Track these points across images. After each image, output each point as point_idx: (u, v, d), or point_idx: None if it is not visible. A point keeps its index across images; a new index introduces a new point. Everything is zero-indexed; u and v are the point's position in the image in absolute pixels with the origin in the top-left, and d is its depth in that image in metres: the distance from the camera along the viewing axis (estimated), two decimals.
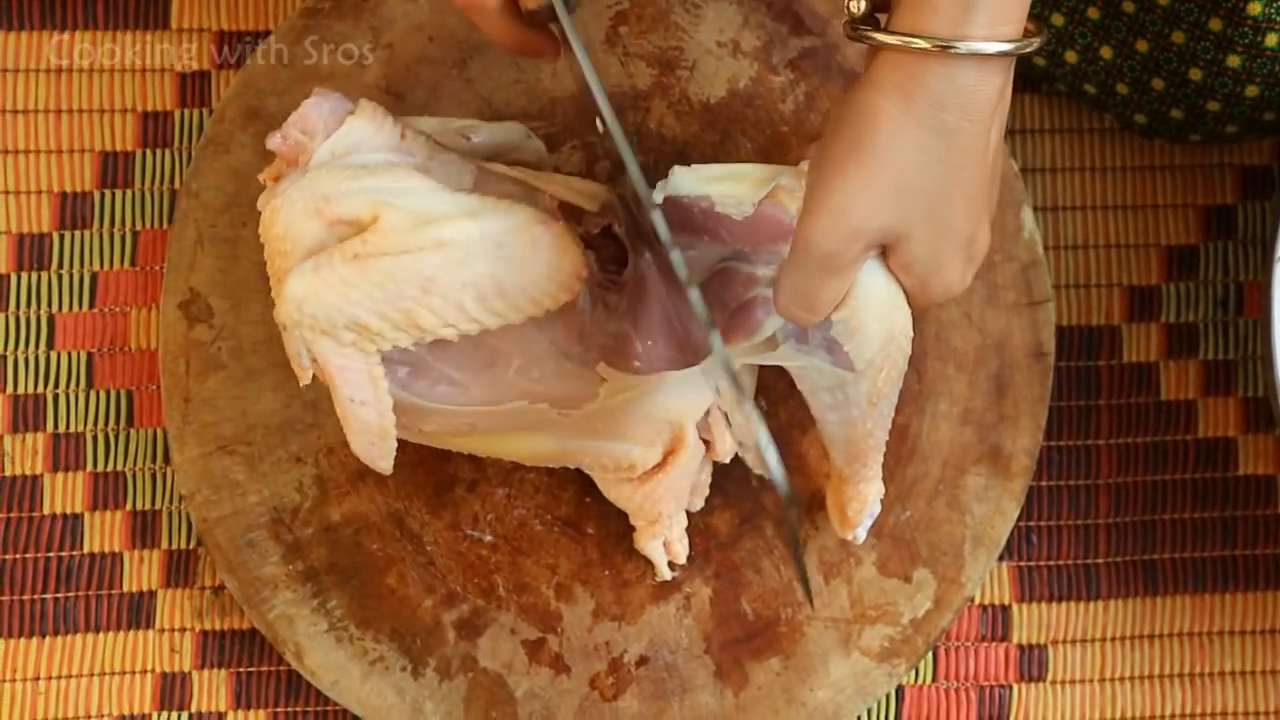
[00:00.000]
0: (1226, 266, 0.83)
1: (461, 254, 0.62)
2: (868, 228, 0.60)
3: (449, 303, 0.62)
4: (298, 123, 0.65)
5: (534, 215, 0.64)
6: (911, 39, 0.57)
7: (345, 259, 0.61)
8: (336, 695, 0.75)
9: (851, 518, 0.73)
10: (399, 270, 0.61)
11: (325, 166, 0.64)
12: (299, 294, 0.61)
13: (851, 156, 0.59)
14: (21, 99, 0.80)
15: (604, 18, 0.78)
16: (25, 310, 0.79)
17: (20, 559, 0.78)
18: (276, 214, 0.63)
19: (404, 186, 0.63)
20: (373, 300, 0.61)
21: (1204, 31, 0.73)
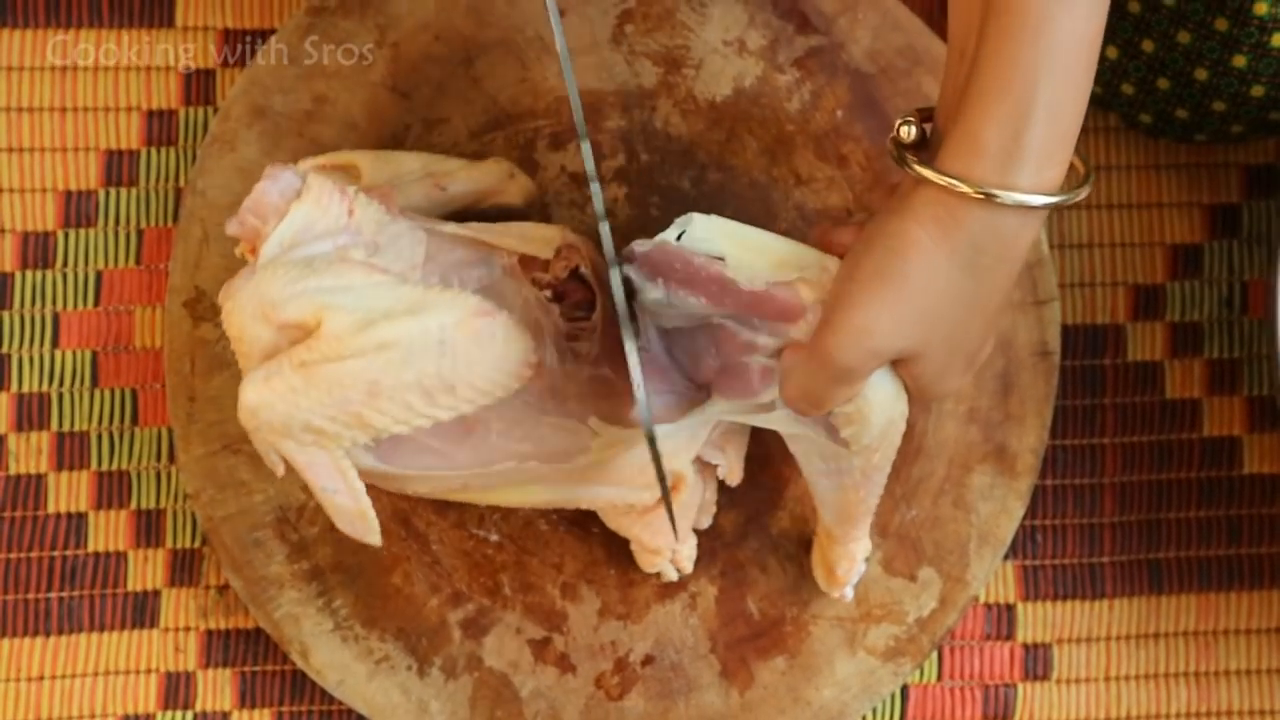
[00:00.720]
0: (1231, 265, 0.83)
1: (404, 354, 0.62)
2: (888, 349, 0.61)
3: (395, 403, 0.63)
4: (252, 209, 0.65)
5: (476, 307, 0.64)
6: (956, 182, 0.58)
7: (293, 367, 0.62)
8: (342, 694, 0.75)
9: (840, 577, 0.73)
10: (344, 376, 0.62)
11: (271, 266, 0.63)
12: (252, 403, 0.62)
13: (880, 280, 0.60)
14: (26, 97, 0.80)
15: (610, 16, 0.78)
16: (30, 309, 0.79)
17: (25, 558, 0.78)
18: (230, 317, 0.64)
19: (347, 284, 0.63)
20: (322, 406, 0.62)
21: (1210, 31, 0.73)
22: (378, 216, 0.66)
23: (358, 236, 0.65)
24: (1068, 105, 0.58)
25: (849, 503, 0.69)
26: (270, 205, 0.64)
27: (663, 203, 0.77)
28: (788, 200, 0.78)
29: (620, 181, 0.78)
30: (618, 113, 0.78)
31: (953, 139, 0.59)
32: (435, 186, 0.72)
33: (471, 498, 0.72)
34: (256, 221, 0.65)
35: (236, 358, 0.65)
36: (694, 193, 0.77)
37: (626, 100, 0.78)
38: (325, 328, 0.62)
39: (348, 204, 0.65)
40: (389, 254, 0.66)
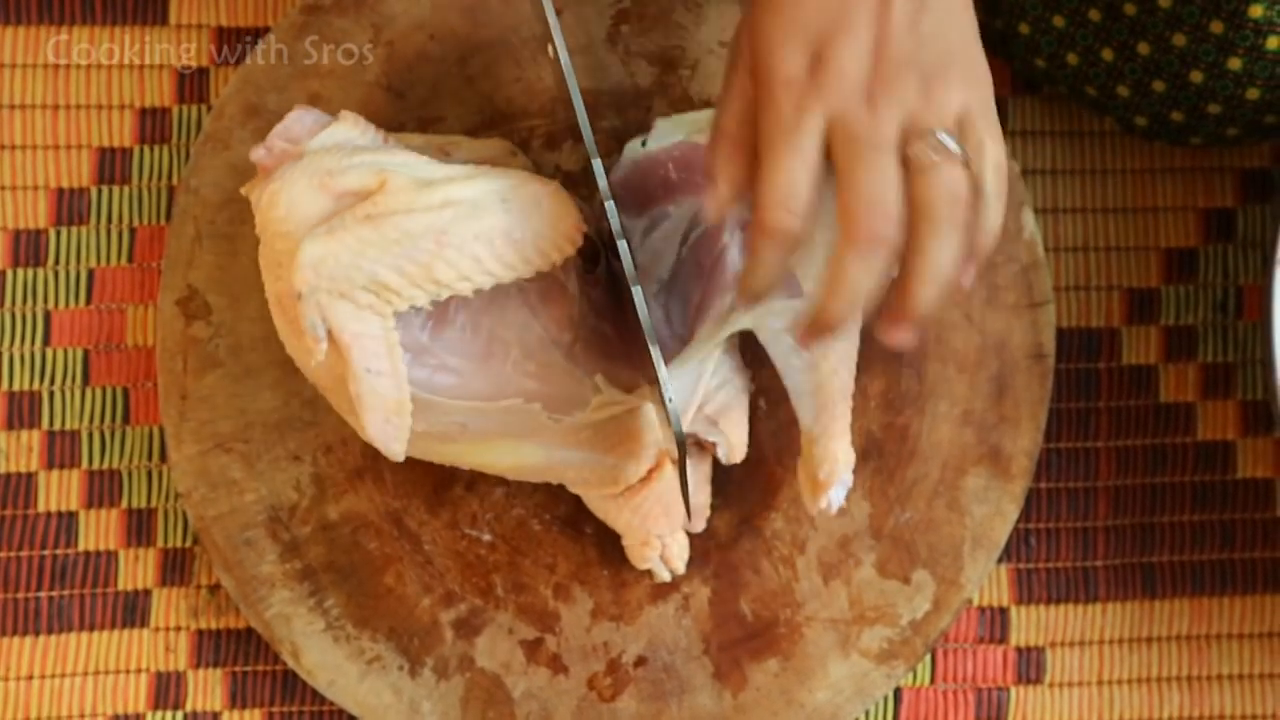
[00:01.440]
0: (1226, 269, 0.83)
1: (469, 209, 0.63)
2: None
3: (464, 254, 0.63)
4: (282, 134, 0.66)
5: (529, 175, 0.66)
6: None
7: (358, 220, 0.62)
8: (333, 695, 0.75)
9: (824, 480, 0.68)
10: (412, 225, 0.62)
11: (320, 150, 0.64)
12: (315, 256, 0.61)
13: None
14: (19, 94, 0.80)
15: (605, 16, 0.78)
16: (21, 306, 0.79)
17: (15, 557, 0.78)
18: (277, 196, 0.63)
19: (402, 160, 0.64)
20: (390, 256, 0.62)
21: (1205, 34, 0.73)
22: (419, 145, 0.67)
23: (395, 163, 0.65)
24: None
25: (821, 378, 0.67)
26: (304, 129, 0.65)
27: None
28: None
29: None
30: (612, 112, 0.78)
31: None
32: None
33: (462, 454, 0.70)
34: (287, 144, 0.65)
35: (266, 246, 0.64)
36: None
37: (621, 100, 0.78)
38: (390, 185, 0.62)
39: (382, 135, 0.67)
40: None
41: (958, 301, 0.77)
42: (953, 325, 0.78)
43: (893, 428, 0.77)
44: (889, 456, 0.77)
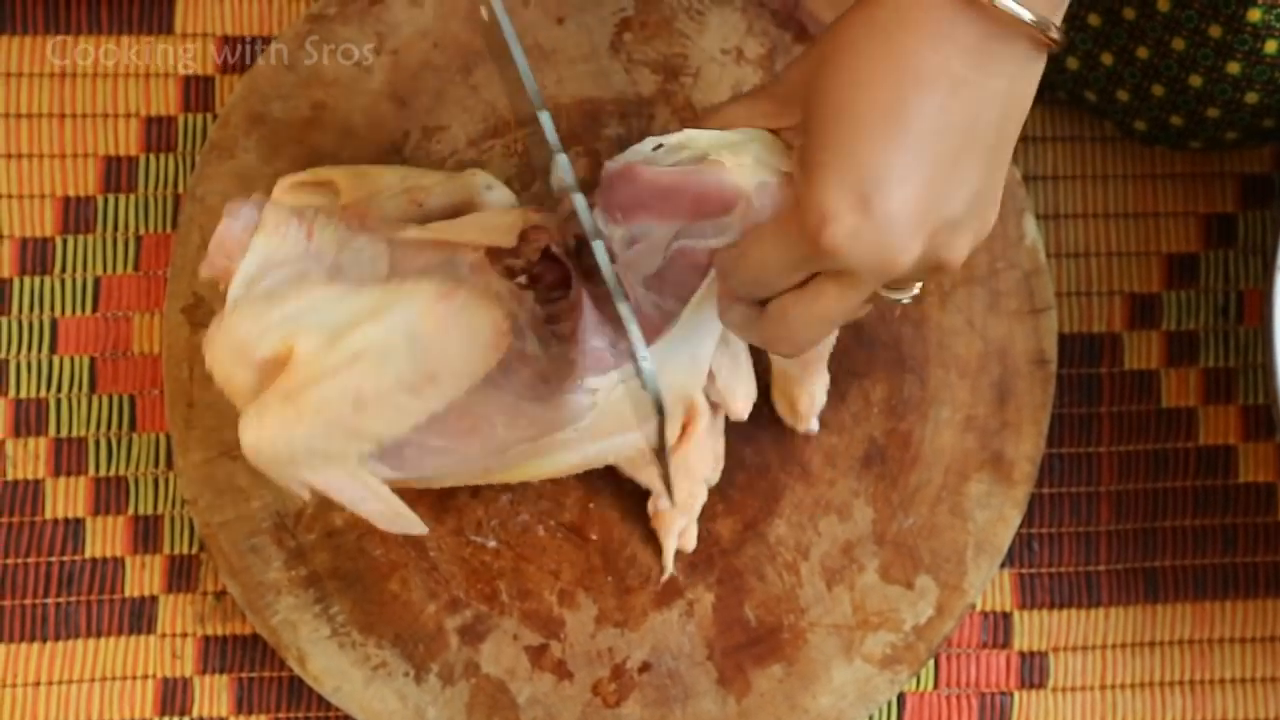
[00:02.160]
0: (1227, 274, 0.83)
1: (377, 358, 0.62)
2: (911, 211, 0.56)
3: (386, 406, 0.63)
4: (217, 249, 0.66)
5: (434, 293, 0.63)
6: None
7: (280, 400, 0.62)
8: (339, 701, 0.75)
9: (803, 412, 0.75)
10: (328, 395, 0.62)
11: (237, 307, 0.64)
12: (252, 443, 0.63)
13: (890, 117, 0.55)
14: (25, 103, 0.80)
15: (608, 25, 0.78)
16: (27, 315, 0.79)
17: (21, 564, 0.78)
18: (213, 367, 0.64)
19: (309, 304, 0.63)
20: (316, 429, 0.62)
21: (1204, 38, 0.73)
22: (338, 235, 0.66)
23: (319, 259, 0.65)
24: None
25: (815, 351, 0.70)
26: (235, 242, 0.65)
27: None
28: None
29: None
30: (616, 120, 0.78)
31: None
32: (412, 202, 0.72)
33: (502, 478, 0.71)
34: (225, 260, 0.65)
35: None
36: None
37: (625, 108, 0.78)
38: (297, 354, 0.62)
39: (306, 228, 0.65)
40: (351, 272, 0.65)
41: (960, 307, 0.77)
42: (955, 331, 0.78)
43: (895, 434, 0.77)
44: (891, 462, 0.77)
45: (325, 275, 0.65)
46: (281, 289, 0.64)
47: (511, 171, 0.77)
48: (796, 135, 0.60)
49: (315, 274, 0.65)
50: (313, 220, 0.66)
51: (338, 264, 0.65)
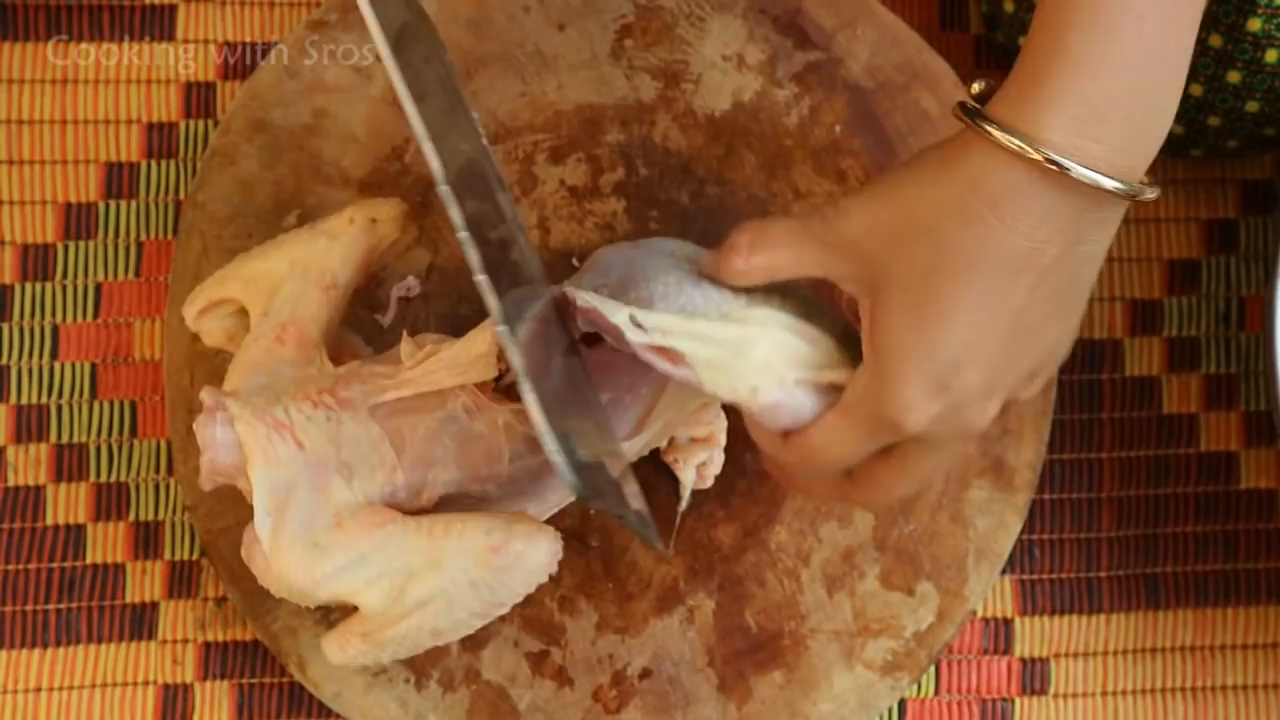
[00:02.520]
0: (1228, 281, 0.83)
1: (445, 602, 0.64)
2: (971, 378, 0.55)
3: (459, 628, 0.66)
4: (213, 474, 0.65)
5: (486, 546, 0.64)
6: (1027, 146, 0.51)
7: (360, 638, 0.65)
8: (339, 707, 0.75)
9: None
10: (405, 634, 0.64)
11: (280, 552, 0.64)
12: (339, 661, 0.66)
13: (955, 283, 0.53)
14: (26, 109, 0.80)
15: (609, 31, 0.78)
16: (29, 321, 0.79)
17: (23, 569, 0.78)
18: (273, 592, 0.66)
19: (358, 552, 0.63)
20: (398, 653, 0.66)
21: (1204, 47, 0.73)
22: (325, 429, 0.65)
23: (324, 466, 0.64)
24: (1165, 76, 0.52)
25: None
26: (227, 467, 0.65)
27: (662, 216, 0.77)
28: (786, 215, 0.78)
29: (619, 195, 0.78)
30: (616, 127, 0.78)
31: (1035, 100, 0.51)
32: (324, 290, 0.68)
33: None
34: (223, 479, 0.66)
35: None
36: (692, 207, 0.78)
37: (625, 114, 0.78)
38: (364, 609, 0.64)
39: (291, 437, 0.64)
40: (362, 470, 0.65)
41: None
42: None
43: None
44: None
45: (341, 480, 0.64)
46: (320, 535, 0.64)
47: (512, 178, 0.77)
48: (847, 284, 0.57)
49: (335, 483, 0.64)
50: (292, 423, 0.64)
51: (344, 463, 0.65)
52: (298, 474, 0.64)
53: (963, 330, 0.53)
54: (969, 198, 0.52)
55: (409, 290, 0.77)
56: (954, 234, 0.52)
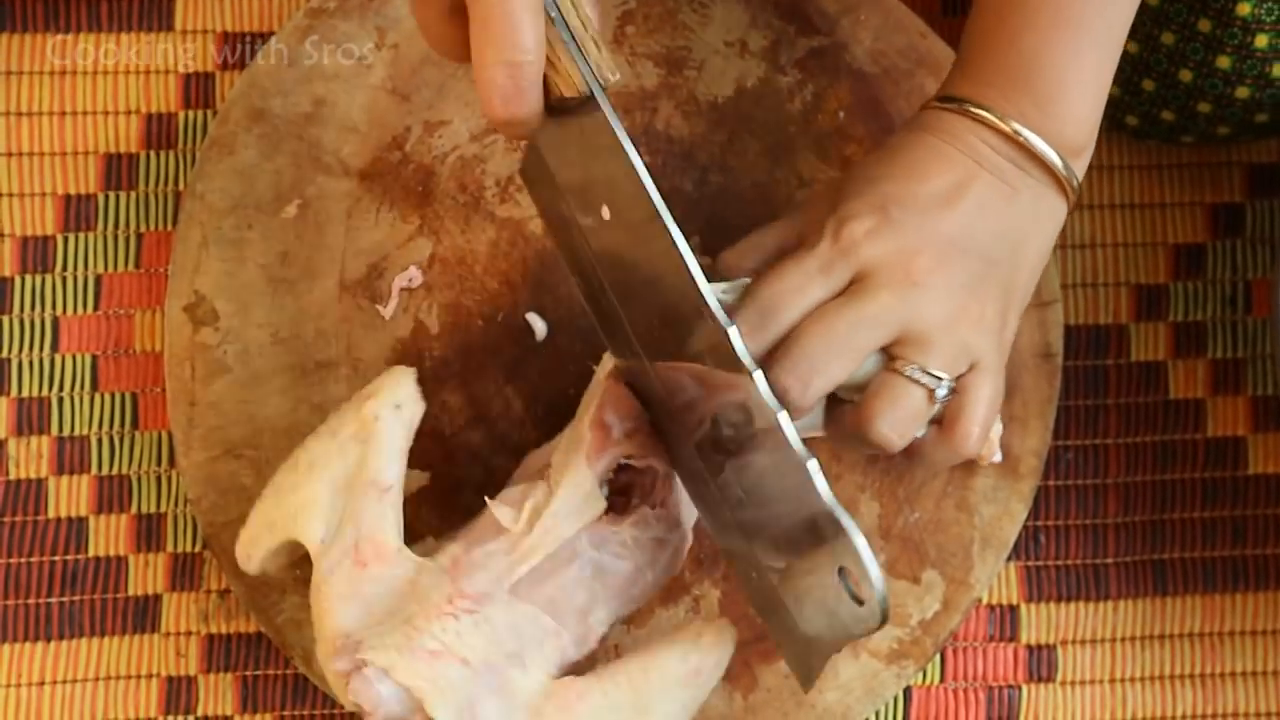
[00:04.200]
0: (1234, 265, 0.83)
1: None
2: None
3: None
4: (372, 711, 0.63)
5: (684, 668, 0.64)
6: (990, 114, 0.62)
7: None
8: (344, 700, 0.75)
9: (985, 454, 0.75)
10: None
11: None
12: None
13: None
14: (25, 101, 0.80)
15: (611, 17, 0.78)
16: (29, 313, 0.79)
17: (25, 563, 0.78)
18: None
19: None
20: None
21: (1193, 32, 0.73)
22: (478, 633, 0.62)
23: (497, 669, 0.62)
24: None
25: None
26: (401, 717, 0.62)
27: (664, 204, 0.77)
28: (789, 202, 0.77)
29: None
30: (619, 114, 0.77)
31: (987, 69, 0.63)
32: (378, 497, 0.65)
33: None
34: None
35: None
36: (696, 194, 0.77)
37: (628, 102, 0.78)
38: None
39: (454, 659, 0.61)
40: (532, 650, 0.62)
41: None
42: None
43: None
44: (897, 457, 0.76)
45: (517, 672, 0.62)
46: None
47: (514, 167, 0.77)
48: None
49: (513, 677, 0.62)
50: (446, 646, 0.61)
51: (513, 654, 0.62)
52: (476, 689, 0.61)
53: (902, 181, 0.61)
54: (916, 124, 0.64)
55: (411, 281, 0.76)
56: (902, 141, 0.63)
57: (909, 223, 0.59)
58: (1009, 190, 0.62)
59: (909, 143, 0.63)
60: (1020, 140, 0.61)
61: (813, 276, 0.60)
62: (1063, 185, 0.63)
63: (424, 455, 0.74)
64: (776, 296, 0.59)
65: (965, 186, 0.61)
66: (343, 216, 0.76)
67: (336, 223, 0.76)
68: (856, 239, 0.59)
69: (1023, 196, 0.62)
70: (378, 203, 0.76)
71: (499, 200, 0.77)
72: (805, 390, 0.58)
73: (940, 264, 0.59)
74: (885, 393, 0.60)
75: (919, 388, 0.60)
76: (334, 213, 0.76)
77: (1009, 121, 0.61)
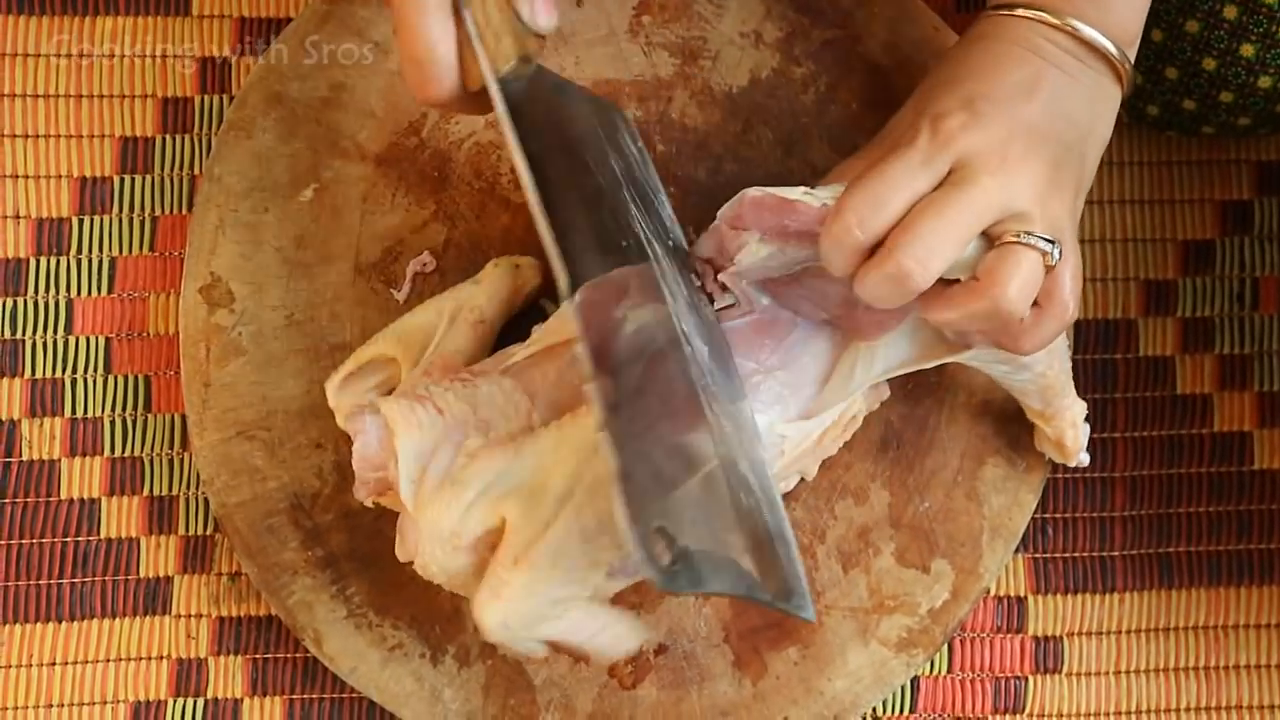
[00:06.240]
0: (1243, 261, 0.83)
1: (586, 493, 0.63)
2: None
3: (609, 531, 0.63)
4: (365, 466, 0.66)
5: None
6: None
7: (509, 567, 0.62)
8: (355, 682, 0.75)
9: (1070, 445, 0.75)
10: (555, 543, 0.62)
11: (424, 505, 0.64)
12: (498, 620, 0.62)
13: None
14: (42, 84, 0.80)
15: (627, 7, 0.78)
16: (44, 295, 0.79)
17: (37, 544, 0.78)
18: (429, 569, 0.65)
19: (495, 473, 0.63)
20: (555, 579, 0.63)
21: (1218, 20, 0.73)
22: (463, 394, 0.66)
23: (464, 426, 0.65)
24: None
25: (1047, 382, 0.72)
26: (376, 456, 0.66)
27: (679, 193, 0.77)
28: None
29: None
30: (634, 103, 0.78)
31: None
32: (472, 325, 0.72)
33: None
34: (375, 472, 0.66)
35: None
36: (709, 183, 0.78)
37: (643, 91, 0.78)
38: (510, 521, 0.63)
39: (431, 406, 0.65)
40: (499, 422, 0.66)
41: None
42: None
43: (912, 418, 0.78)
44: (908, 446, 0.77)
45: (480, 436, 0.65)
46: (457, 472, 0.64)
47: None
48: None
49: (471, 439, 0.65)
50: (433, 395, 0.66)
51: (482, 420, 0.66)
52: (439, 437, 0.65)
53: (977, 81, 0.65)
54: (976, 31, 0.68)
55: (424, 266, 0.76)
56: (965, 48, 0.68)
57: (997, 115, 0.63)
58: (1073, 81, 0.66)
59: (978, 49, 0.67)
60: (1080, 35, 0.65)
61: (916, 170, 0.62)
62: (1118, 71, 0.67)
63: None
64: (885, 189, 0.62)
65: (1039, 79, 0.65)
66: (358, 201, 0.76)
67: (352, 207, 0.76)
68: (953, 132, 0.62)
69: (1085, 85, 0.66)
70: (393, 188, 0.77)
71: (514, 187, 0.77)
72: (925, 271, 0.61)
73: (1029, 149, 0.63)
74: (1006, 262, 0.62)
75: (1035, 252, 0.62)
76: (350, 197, 0.76)
77: (1067, 19, 0.65)
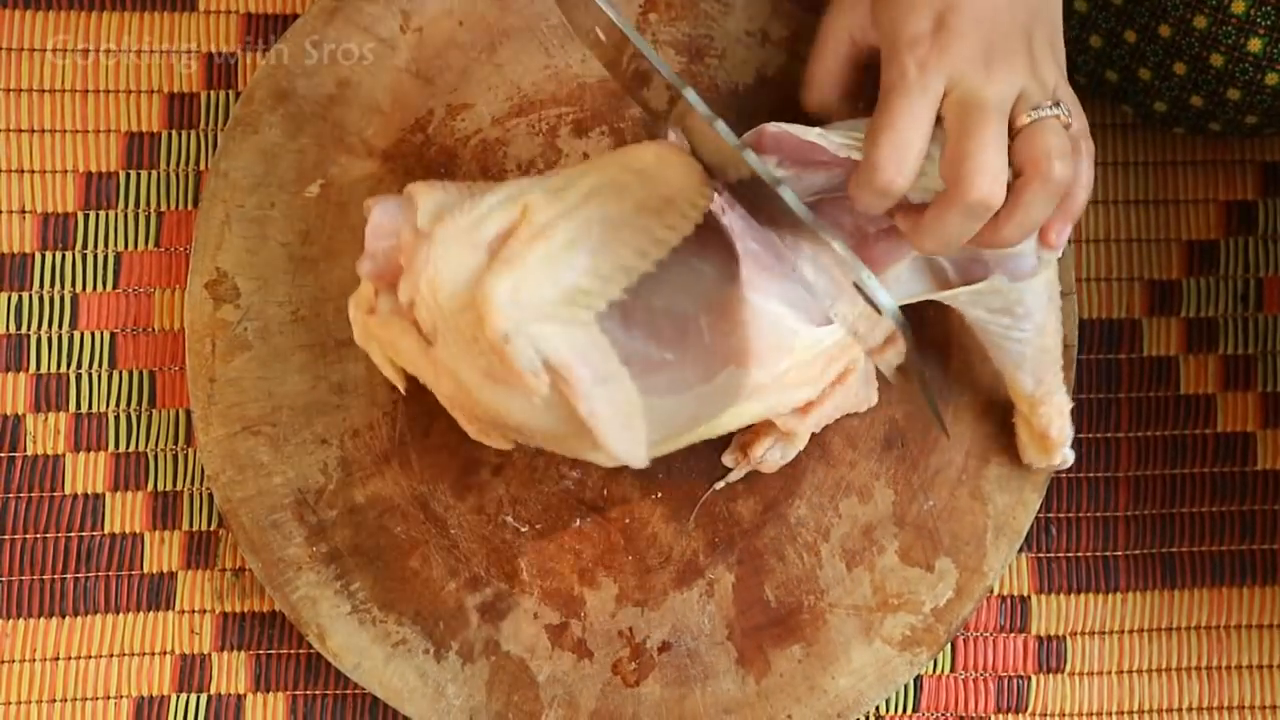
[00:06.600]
0: (1247, 262, 0.83)
1: (615, 189, 0.63)
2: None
3: (633, 228, 0.63)
4: (376, 235, 0.66)
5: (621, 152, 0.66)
6: None
7: (528, 243, 0.61)
8: (359, 677, 0.75)
9: (1055, 437, 0.75)
10: (576, 225, 0.62)
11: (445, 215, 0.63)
12: (508, 291, 0.60)
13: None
14: (48, 79, 0.80)
15: (634, 5, 0.78)
16: (49, 290, 0.79)
17: (41, 539, 0.78)
18: (436, 278, 0.62)
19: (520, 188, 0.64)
20: (572, 260, 0.62)
21: (1226, 15, 0.73)
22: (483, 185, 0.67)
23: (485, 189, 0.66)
24: None
25: (1045, 343, 0.72)
26: (390, 222, 0.65)
27: None
28: None
29: None
30: None
31: None
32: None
33: (701, 434, 0.69)
34: (386, 241, 0.65)
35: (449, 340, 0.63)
36: None
37: None
38: (532, 206, 0.63)
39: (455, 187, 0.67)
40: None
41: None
42: None
43: (916, 416, 0.78)
44: (912, 445, 0.77)
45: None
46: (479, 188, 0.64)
47: (536, 151, 0.77)
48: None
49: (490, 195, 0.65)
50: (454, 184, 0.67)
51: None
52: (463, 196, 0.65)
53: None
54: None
55: None
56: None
57: (966, 25, 0.63)
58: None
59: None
60: None
61: (917, 104, 0.63)
62: None
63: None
64: (903, 133, 0.62)
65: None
66: (365, 197, 0.76)
67: (358, 203, 0.76)
68: (932, 57, 0.62)
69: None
70: (400, 184, 0.77)
71: None
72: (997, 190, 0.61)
73: (1007, 39, 0.63)
74: (1042, 138, 0.63)
75: (1057, 121, 0.63)
76: (356, 193, 0.76)
77: None
